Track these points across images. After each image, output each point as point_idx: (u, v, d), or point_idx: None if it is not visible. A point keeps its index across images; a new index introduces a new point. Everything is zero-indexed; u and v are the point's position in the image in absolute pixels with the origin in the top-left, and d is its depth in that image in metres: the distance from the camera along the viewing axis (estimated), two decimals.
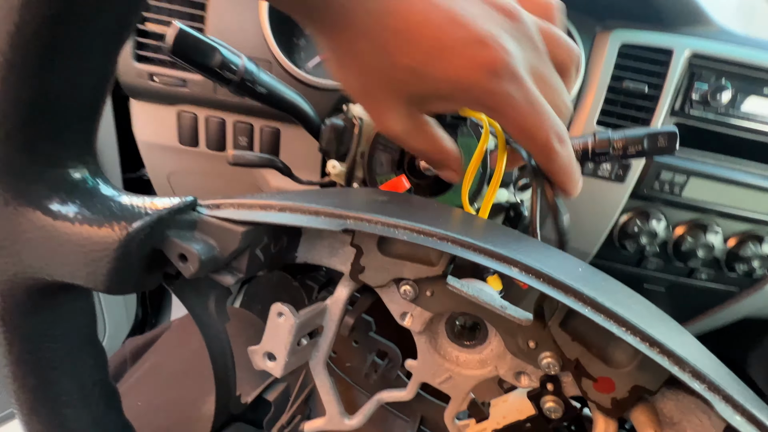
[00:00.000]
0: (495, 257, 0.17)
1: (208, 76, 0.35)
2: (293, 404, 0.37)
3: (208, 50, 0.34)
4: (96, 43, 0.14)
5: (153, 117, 0.56)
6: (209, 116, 0.55)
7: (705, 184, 0.56)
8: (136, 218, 0.16)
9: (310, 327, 0.24)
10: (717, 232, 0.57)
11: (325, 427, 0.29)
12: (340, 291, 0.24)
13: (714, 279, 0.62)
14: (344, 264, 0.24)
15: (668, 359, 0.15)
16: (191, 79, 0.52)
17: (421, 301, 0.23)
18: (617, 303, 0.16)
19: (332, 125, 0.41)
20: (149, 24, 0.50)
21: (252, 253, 0.19)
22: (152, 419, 0.37)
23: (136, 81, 0.52)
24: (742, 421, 0.14)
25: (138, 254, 0.16)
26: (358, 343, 0.36)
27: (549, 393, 0.21)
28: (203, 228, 0.18)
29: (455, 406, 0.25)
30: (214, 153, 0.58)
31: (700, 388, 0.14)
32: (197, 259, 0.17)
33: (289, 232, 0.22)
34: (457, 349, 0.25)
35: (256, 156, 0.43)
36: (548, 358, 0.20)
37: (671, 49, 0.53)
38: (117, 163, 0.73)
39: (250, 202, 0.19)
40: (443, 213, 0.25)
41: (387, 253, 0.22)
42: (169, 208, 0.17)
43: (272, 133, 0.56)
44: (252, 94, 0.38)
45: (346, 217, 0.18)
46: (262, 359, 0.23)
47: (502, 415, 0.23)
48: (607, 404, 0.19)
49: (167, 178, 0.64)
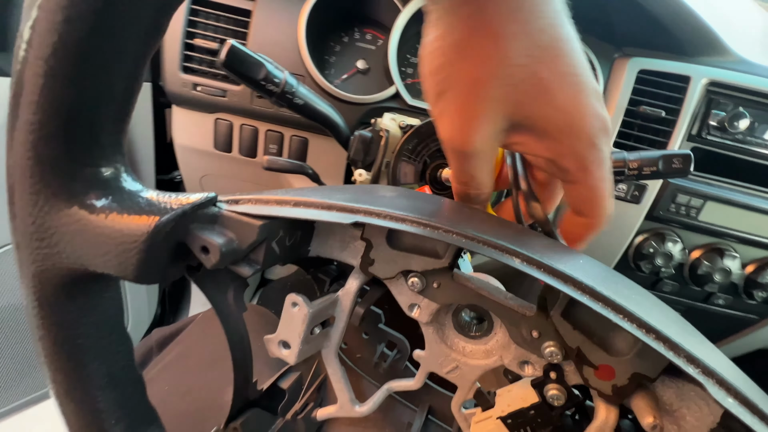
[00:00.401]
0: (499, 249, 0.18)
1: (254, 87, 0.39)
2: (306, 392, 0.38)
3: (256, 65, 0.37)
4: (127, 52, 0.16)
5: (192, 123, 0.61)
6: (244, 124, 0.59)
7: (722, 208, 0.56)
8: (162, 213, 0.17)
9: (322, 317, 0.25)
10: (735, 257, 0.57)
11: (336, 413, 0.30)
12: (351, 283, 0.25)
13: (732, 305, 0.61)
14: (355, 258, 0.25)
15: (664, 345, 0.15)
16: (230, 89, 0.56)
17: (429, 292, 0.23)
18: (616, 292, 0.17)
19: (361, 136, 0.44)
20: (197, 39, 0.55)
21: (268, 246, 0.20)
22: (178, 403, 0.39)
23: (181, 90, 0.57)
24: (734, 403, 0.15)
25: (164, 246, 0.17)
26: (368, 334, 0.37)
27: (552, 381, 0.22)
28: (223, 222, 0.19)
29: (462, 395, 0.26)
30: (245, 158, 0.61)
31: (694, 372, 0.15)
32: (218, 251, 0.17)
33: (303, 227, 0.23)
34: (464, 339, 0.25)
35: (288, 162, 0.46)
36: (551, 347, 0.21)
37: (689, 76, 0.55)
38: (152, 165, 0.78)
39: (267, 197, 0.20)
40: (450, 207, 0.25)
41: (395, 246, 0.23)
42: (192, 203, 0.18)
43: (301, 142, 0.59)
44: (290, 105, 0.41)
45: (357, 211, 0.19)
46: (277, 347, 0.24)
47: (506, 403, 0.24)
48: (607, 391, 0.20)
49: (199, 180, 0.68)
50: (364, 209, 0.19)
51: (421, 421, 0.38)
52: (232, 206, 0.19)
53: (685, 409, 0.19)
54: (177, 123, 0.62)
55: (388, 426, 0.39)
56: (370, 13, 0.60)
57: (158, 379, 0.44)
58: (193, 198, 0.18)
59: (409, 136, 0.43)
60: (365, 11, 0.59)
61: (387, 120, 0.45)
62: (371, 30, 0.61)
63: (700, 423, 0.18)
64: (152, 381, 0.43)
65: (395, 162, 0.43)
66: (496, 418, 0.24)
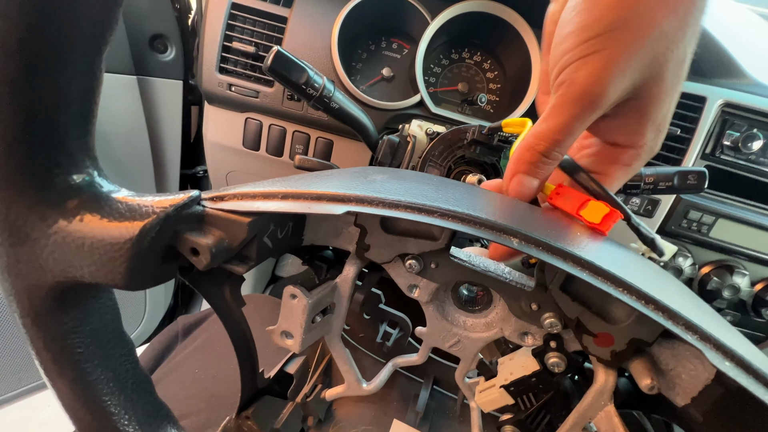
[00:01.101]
0: (495, 229, 0.17)
1: (294, 90, 0.41)
2: (313, 375, 0.40)
3: (299, 70, 0.40)
4: (77, 50, 0.14)
5: (224, 121, 0.63)
6: (273, 124, 0.62)
7: (733, 226, 0.57)
8: (145, 217, 0.16)
9: (322, 305, 0.25)
10: (744, 275, 0.58)
11: (345, 393, 0.31)
12: (348, 269, 0.26)
13: (740, 323, 0.62)
14: (350, 243, 0.25)
15: (662, 314, 0.16)
16: (263, 90, 0.59)
17: (427, 273, 0.23)
18: (614, 264, 0.17)
19: (389, 141, 0.47)
20: (235, 42, 0.58)
21: (260, 241, 0.20)
22: (209, 385, 0.41)
23: (216, 89, 0.60)
24: (731, 366, 0.15)
25: (151, 251, 0.17)
26: (370, 315, 0.39)
27: (552, 350, 0.23)
28: (211, 221, 0.18)
29: (465, 367, 0.27)
30: (271, 157, 0.64)
31: (692, 339, 0.15)
32: (208, 252, 0.17)
33: (294, 217, 0.23)
34: (464, 314, 0.26)
35: (317, 162, 0.49)
36: (550, 318, 0.21)
37: (705, 97, 0.56)
38: (178, 159, 0.81)
39: (253, 191, 0.19)
40: (446, 186, 0.24)
41: (390, 230, 0.23)
42: (175, 205, 0.17)
43: (326, 143, 0.62)
44: (326, 108, 0.44)
45: (348, 200, 0.18)
46: (280, 338, 0.25)
47: (509, 372, 0.25)
48: (606, 357, 0.21)
49: (225, 176, 0.71)
50: (356, 197, 0.18)
51: (427, 392, 0.40)
52: (218, 204, 0.19)
53: (680, 368, 0.19)
54: (209, 120, 0.65)
55: (396, 399, 0.40)
56: (399, 24, 0.62)
57: (187, 363, 0.46)
58: (176, 199, 0.17)
59: (436, 143, 0.45)
60: (395, 22, 0.62)
61: (414, 126, 0.47)
62: (398, 40, 0.64)
63: (695, 380, 0.19)
64: (181, 364, 0.46)
65: (421, 166, 0.45)
66: (499, 386, 0.25)
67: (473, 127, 0.43)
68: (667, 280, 0.22)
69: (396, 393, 0.39)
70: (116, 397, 0.21)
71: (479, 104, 0.59)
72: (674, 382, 0.20)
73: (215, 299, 0.24)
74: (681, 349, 0.20)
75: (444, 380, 0.40)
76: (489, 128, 0.40)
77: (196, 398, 0.37)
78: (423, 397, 0.38)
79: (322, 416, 0.38)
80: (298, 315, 0.24)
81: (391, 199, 0.18)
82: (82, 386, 0.20)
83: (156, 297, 0.93)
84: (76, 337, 0.19)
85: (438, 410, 0.38)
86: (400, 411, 0.37)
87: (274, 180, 0.22)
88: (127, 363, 0.21)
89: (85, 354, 0.19)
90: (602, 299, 0.21)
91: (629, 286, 0.16)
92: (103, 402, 0.20)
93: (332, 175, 0.25)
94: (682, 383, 0.20)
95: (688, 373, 0.19)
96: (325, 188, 0.19)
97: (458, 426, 0.37)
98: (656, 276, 0.21)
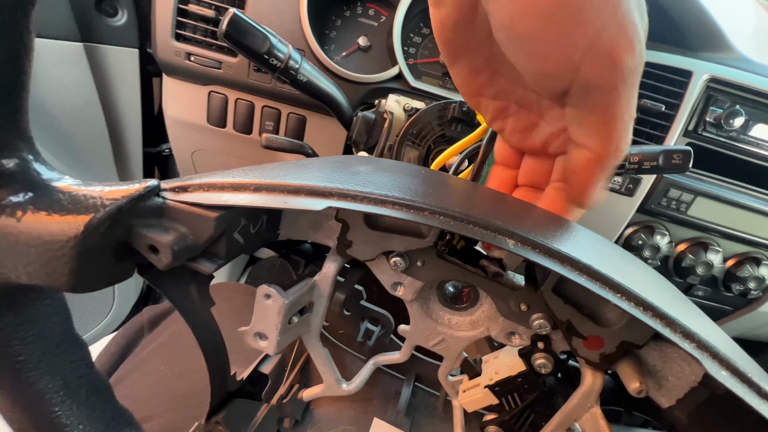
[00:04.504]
0: (490, 229, 0.16)
1: (255, 61, 0.37)
2: (290, 375, 0.38)
3: (259, 37, 0.36)
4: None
5: (184, 95, 0.58)
6: (239, 99, 0.57)
7: (711, 204, 0.58)
8: (91, 210, 0.14)
9: (300, 305, 0.23)
10: (717, 252, 0.59)
11: (323, 393, 0.29)
12: (328, 266, 0.24)
13: (710, 297, 0.64)
14: (330, 238, 0.23)
15: (660, 322, 0.15)
16: (227, 61, 0.54)
17: (412, 271, 0.22)
18: (614, 267, 0.16)
19: (364, 117, 0.43)
20: (191, 5, 0.52)
21: (230, 238, 0.18)
22: (175, 384, 0.39)
23: (173, 59, 0.54)
24: (728, 375, 0.15)
25: (101, 249, 0.15)
26: (350, 311, 0.37)
27: (540, 351, 0.22)
28: (173, 215, 0.17)
29: (448, 365, 0.26)
30: (240, 135, 0.59)
31: (690, 347, 0.15)
32: (169, 250, 0.15)
33: (268, 210, 0.21)
34: (449, 312, 0.25)
35: (287, 141, 0.45)
36: (540, 320, 0.21)
37: (691, 71, 0.55)
38: (139, 137, 0.74)
39: (221, 181, 0.17)
40: (435, 180, 0.23)
41: (374, 226, 0.22)
42: (128, 197, 0.15)
43: (299, 119, 0.58)
44: (293, 81, 0.40)
45: (329, 194, 0.17)
46: (253, 339, 0.23)
47: (494, 371, 0.24)
48: (595, 359, 0.20)
49: (191, 156, 0.66)
50: (338, 191, 0.17)
51: (409, 390, 0.39)
52: (181, 195, 0.17)
53: (667, 370, 0.19)
54: (168, 94, 0.59)
55: (376, 397, 0.39)
56: None
57: (152, 359, 0.43)
58: (130, 189, 0.15)
59: (414, 120, 0.42)
60: None
61: (392, 102, 0.44)
62: (374, 5, 0.59)
63: (682, 382, 0.19)
64: (145, 360, 0.43)
65: (398, 146, 0.43)
66: (484, 386, 0.24)
67: (454, 103, 0.40)
68: (657, 279, 0.22)
69: (377, 391, 0.38)
70: (68, 406, 0.19)
71: None
72: (660, 384, 0.20)
73: (179, 300, 0.22)
74: (669, 351, 0.19)
75: (426, 377, 0.39)
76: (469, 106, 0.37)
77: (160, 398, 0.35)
78: (404, 395, 0.37)
79: (299, 417, 0.37)
80: (273, 316, 0.22)
81: (377, 194, 0.16)
82: (25, 397, 0.18)
83: (126, 282, 0.88)
84: (17, 343, 0.17)
85: (420, 408, 0.38)
86: (380, 409, 0.36)
87: (246, 168, 0.20)
88: (80, 368, 0.19)
89: (28, 362, 0.17)
90: (594, 301, 0.20)
91: (627, 291, 0.16)
92: (52, 413, 0.18)
93: (311, 164, 0.23)
94: (668, 385, 0.19)
95: (674, 375, 0.19)
96: (303, 180, 0.17)
97: (440, 424, 0.37)
98: (649, 276, 0.21)
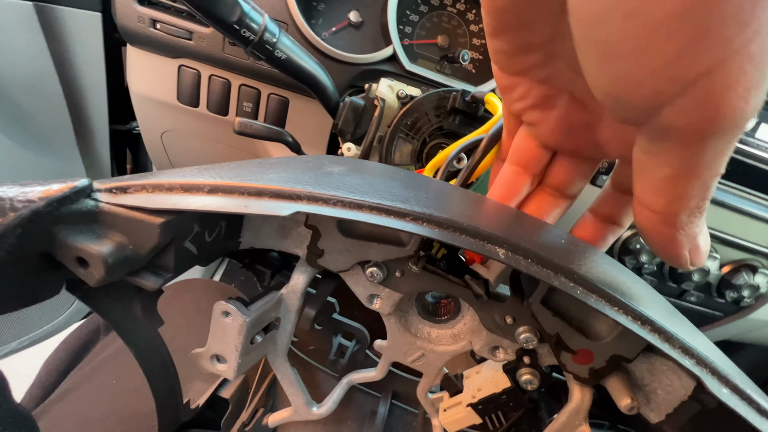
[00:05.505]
0: (478, 237, 0.15)
1: (224, 31, 0.32)
2: (254, 398, 0.35)
3: (228, 3, 0.30)
4: None
5: (151, 68, 0.52)
6: (213, 75, 0.51)
7: (712, 210, 0.56)
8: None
9: (264, 322, 0.21)
10: (715, 258, 0.57)
11: (291, 418, 0.27)
12: (297, 278, 0.22)
13: (702, 303, 0.63)
14: (299, 246, 0.21)
15: (659, 336, 0.15)
16: (198, 31, 0.48)
17: (391, 282, 0.21)
18: (608, 282, 0.16)
19: (352, 104, 0.38)
20: None
21: (180, 247, 0.16)
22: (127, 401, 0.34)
23: (136, 26, 0.47)
24: (729, 393, 0.14)
25: (13, 263, 0.12)
26: (322, 326, 0.34)
27: (526, 366, 0.21)
28: (108, 220, 0.14)
29: (428, 382, 0.24)
30: (215, 116, 0.54)
31: (689, 363, 0.14)
32: (101, 263, 0.13)
33: (227, 216, 0.19)
34: (429, 325, 0.24)
35: (263, 127, 0.40)
36: (526, 333, 0.20)
37: None
38: (105, 112, 0.67)
39: (169, 182, 0.15)
40: (416, 182, 0.21)
41: (349, 233, 0.20)
42: (47, 198, 0.13)
43: (280, 101, 0.52)
44: (269, 58, 0.35)
45: (297, 197, 0.15)
46: (209, 362, 0.20)
47: (476, 387, 0.23)
48: (584, 374, 0.19)
49: (160, 137, 0.60)
50: (308, 194, 0.15)
51: (386, 408, 0.37)
52: (119, 197, 0.14)
53: (656, 383, 0.19)
54: (133, 66, 0.53)
55: (350, 417, 0.36)
56: None
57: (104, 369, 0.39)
58: (51, 190, 0.13)
59: (409, 109, 0.38)
60: None
61: (383, 87, 0.39)
62: None
63: (671, 397, 0.18)
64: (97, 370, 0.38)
65: (390, 138, 0.38)
66: (466, 405, 0.23)
67: (455, 92, 0.35)
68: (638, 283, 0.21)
69: (350, 410, 0.35)
70: None
71: (461, 62, 0.51)
72: (649, 398, 0.19)
73: (119, 320, 0.18)
74: (658, 364, 0.18)
75: (404, 394, 0.37)
76: (473, 96, 0.32)
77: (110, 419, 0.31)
78: (381, 414, 0.35)
79: None
80: (233, 336, 0.19)
81: (351, 198, 0.15)
82: None
83: None
84: None
85: (397, 427, 0.35)
86: (355, 430, 0.33)
87: (202, 167, 0.18)
88: None
89: None
90: (583, 313, 0.19)
91: (624, 304, 0.15)
92: None
93: (277, 164, 0.20)
94: (657, 399, 0.19)
95: (664, 389, 0.18)
96: (267, 181, 0.15)
97: None
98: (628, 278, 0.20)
